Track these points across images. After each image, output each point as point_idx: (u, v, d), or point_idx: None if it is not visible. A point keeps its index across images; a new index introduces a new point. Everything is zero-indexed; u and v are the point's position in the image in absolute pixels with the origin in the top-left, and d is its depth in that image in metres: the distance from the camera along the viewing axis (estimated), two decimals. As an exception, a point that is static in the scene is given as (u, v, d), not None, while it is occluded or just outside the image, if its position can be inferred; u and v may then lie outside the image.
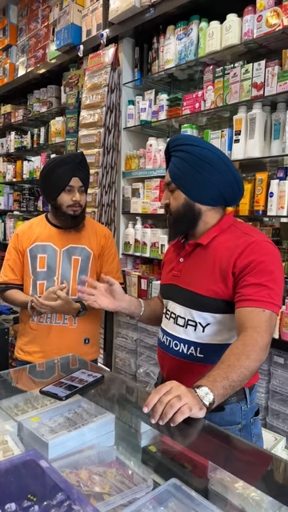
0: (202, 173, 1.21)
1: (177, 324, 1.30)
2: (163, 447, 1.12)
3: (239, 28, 2.02)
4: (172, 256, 1.40)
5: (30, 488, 0.83)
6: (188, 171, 1.22)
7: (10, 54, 3.94)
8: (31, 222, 1.90)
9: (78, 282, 1.82)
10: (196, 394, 0.97)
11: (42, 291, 1.78)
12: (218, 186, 1.23)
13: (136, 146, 2.75)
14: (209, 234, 1.26)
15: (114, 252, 1.94)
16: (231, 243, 1.21)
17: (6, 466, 0.89)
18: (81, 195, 1.77)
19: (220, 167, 1.22)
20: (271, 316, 1.12)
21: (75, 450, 1.05)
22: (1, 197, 4.22)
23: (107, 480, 0.96)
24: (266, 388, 1.92)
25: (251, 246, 1.18)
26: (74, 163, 1.74)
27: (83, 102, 2.72)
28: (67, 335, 1.80)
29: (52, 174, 1.75)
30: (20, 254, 1.83)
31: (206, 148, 1.23)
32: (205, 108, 2.20)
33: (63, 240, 1.81)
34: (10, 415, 1.17)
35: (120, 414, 1.23)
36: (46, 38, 3.40)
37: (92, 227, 1.90)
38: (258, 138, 1.94)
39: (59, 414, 1.19)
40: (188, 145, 1.23)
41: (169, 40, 2.38)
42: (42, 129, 3.56)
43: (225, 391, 1.00)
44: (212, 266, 1.22)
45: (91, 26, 2.82)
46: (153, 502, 0.89)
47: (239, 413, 1.26)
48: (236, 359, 1.04)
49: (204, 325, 1.24)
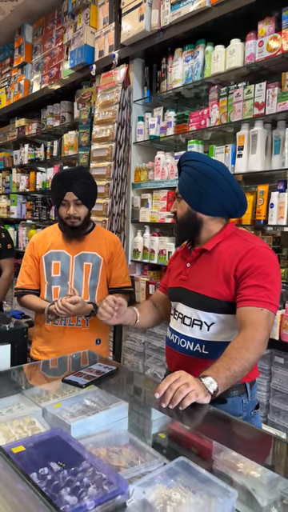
0: (203, 186, 1.36)
1: (184, 323, 1.43)
2: (172, 434, 1.24)
3: (242, 52, 2.18)
4: (179, 262, 1.54)
5: (59, 457, 0.97)
6: (191, 184, 1.38)
7: (25, 71, 4.14)
8: (46, 231, 2.04)
9: (89, 286, 1.95)
10: (202, 383, 1.11)
11: (56, 295, 1.92)
12: (219, 198, 1.38)
13: (145, 159, 2.91)
14: (213, 240, 1.40)
15: (122, 258, 2.07)
16: (233, 249, 1.35)
17: (37, 440, 1.02)
18: (76, 208, 1.86)
19: (221, 182, 1.36)
20: (269, 314, 1.25)
21: (94, 432, 1.19)
22: (14, 206, 4.39)
23: (123, 456, 1.09)
24: (267, 387, 2.04)
25: (251, 251, 1.32)
26: (68, 179, 1.85)
27: (96, 118, 2.89)
28: (80, 336, 1.93)
29: (52, 188, 1.93)
30: (36, 260, 1.96)
31: (209, 164, 1.37)
32: (210, 125, 2.36)
33: (75, 247, 1.95)
34: (35, 402, 1.31)
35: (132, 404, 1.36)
36: (61, 56, 3.59)
37: (102, 235, 2.03)
38: (259, 153, 2.09)
39: (78, 402, 1.32)
40: (194, 161, 1.39)
41: (177, 61, 2.54)
42: (55, 142, 3.73)
43: (227, 381, 1.14)
44: (216, 269, 1.36)
45: (104, 47, 3.00)
46: (164, 475, 1.01)
47: (240, 405, 1.38)
48: (237, 352, 1.17)
49: (209, 324, 1.37)
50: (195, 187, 1.37)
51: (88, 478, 0.90)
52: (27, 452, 0.98)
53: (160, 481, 0.98)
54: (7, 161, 4.64)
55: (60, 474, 0.91)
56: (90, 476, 0.91)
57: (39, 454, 0.98)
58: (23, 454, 0.96)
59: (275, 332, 1.94)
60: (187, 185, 1.39)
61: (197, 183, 1.36)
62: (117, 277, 2.03)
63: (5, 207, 4.61)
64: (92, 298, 1.96)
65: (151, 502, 0.86)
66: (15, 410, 1.26)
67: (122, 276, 2.05)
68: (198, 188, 1.37)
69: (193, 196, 1.39)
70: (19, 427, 1.15)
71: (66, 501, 0.81)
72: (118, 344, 2.91)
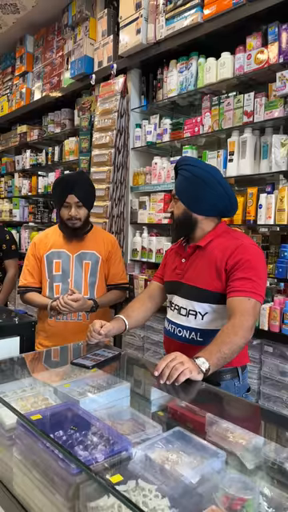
0: (198, 189, 1.51)
1: (180, 314, 1.58)
2: (170, 411, 1.38)
3: (232, 64, 2.33)
4: (174, 257, 1.69)
5: (72, 423, 1.11)
6: (187, 187, 1.52)
7: (26, 80, 4.29)
8: (47, 232, 2.19)
9: (89, 283, 2.08)
10: (195, 362, 1.26)
11: (57, 292, 2.05)
12: (212, 200, 1.53)
13: (143, 163, 3.05)
14: (206, 238, 1.56)
15: (119, 256, 2.23)
16: (224, 246, 1.50)
17: (52, 410, 1.17)
18: (77, 210, 2.00)
19: (214, 185, 1.51)
20: (255, 304, 1.41)
21: (99, 408, 1.33)
22: (16, 210, 4.53)
23: (126, 426, 1.24)
24: (258, 374, 2.19)
25: (240, 247, 1.47)
26: (70, 183, 1.98)
27: (95, 126, 3.05)
28: (82, 330, 2.03)
29: (54, 191, 2.06)
30: (38, 259, 2.10)
31: (203, 169, 1.52)
32: (203, 132, 2.52)
33: (75, 246, 2.09)
34: (46, 383, 1.46)
35: (134, 385, 1.50)
36: (61, 66, 3.74)
37: (100, 235, 2.18)
38: (248, 157, 2.24)
39: (85, 383, 1.45)
40: (190, 165, 1.53)
41: (171, 72, 2.70)
42: (56, 147, 3.87)
43: (218, 361, 1.30)
44: (209, 264, 1.51)
45: (103, 57, 3.16)
46: (162, 440, 1.16)
47: (233, 388, 1.53)
48: (227, 336, 1.33)
49: (203, 314, 1.53)
50: (191, 190, 1.51)
51: (97, 438, 1.05)
52: (44, 419, 1.12)
53: (159, 445, 1.13)
54: (9, 166, 4.78)
55: (73, 435, 1.06)
56: (98, 437, 1.06)
57: (54, 420, 1.13)
58: (41, 420, 1.11)
59: (264, 323, 2.09)
60: (183, 187, 1.53)
61: (192, 186, 1.51)
62: (114, 274, 2.17)
63: (7, 210, 4.74)
64: (91, 294, 2.10)
65: (152, 458, 1.01)
66: (29, 390, 1.40)
67: (119, 273, 2.19)
68: (193, 191, 1.51)
69: (189, 198, 1.53)
70: (34, 403, 1.29)
71: (80, 454, 0.96)
72: (118, 339, 3.05)
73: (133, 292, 2.92)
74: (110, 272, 2.16)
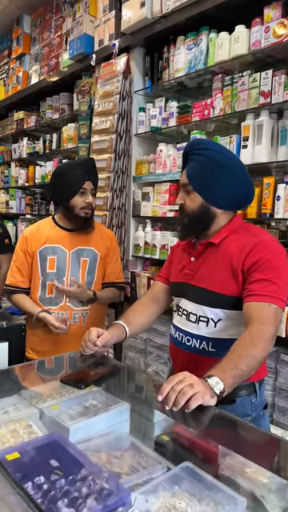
0: (221, 179, 1.28)
1: (189, 320, 1.37)
2: (175, 436, 1.18)
3: (247, 39, 2.10)
4: (182, 255, 1.47)
5: (56, 464, 0.90)
6: (207, 175, 1.28)
7: (23, 63, 4.06)
8: (39, 224, 1.98)
9: (86, 282, 1.90)
10: (207, 384, 1.04)
11: (50, 291, 1.87)
12: (235, 191, 1.31)
13: (146, 151, 2.84)
14: (220, 233, 1.33)
15: (117, 253, 2.05)
16: (241, 243, 1.28)
17: (33, 445, 0.96)
18: (93, 198, 1.86)
19: (238, 174, 1.29)
20: (277, 310, 1.19)
21: (93, 435, 1.12)
22: (13, 201, 4.33)
23: (124, 462, 1.03)
24: (272, 385, 1.98)
25: (259, 245, 1.25)
26: (87, 167, 1.84)
27: (95, 109, 2.82)
28: (77, 333, 1.86)
29: (66, 176, 1.84)
30: (29, 255, 1.89)
31: (221, 153, 1.29)
32: (213, 115, 2.28)
33: (72, 242, 1.89)
34: (32, 403, 1.25)
35: (134, 404, 1.29)
36: (59, 47, 3.51)
37: (98, 230, 1.98)
38: (265, 143, 2.02)
39: (77, 403, 1.26)
40: (209, 149, 1.29)
41: (179, 50, 2.47)
42: (54, 135, 3.66)
43: (234, 380, 1.07)
44: (223, 264, 1.29)
45: (104, 35, 2.92)
46: (168, 481, 0.95)
47: (249, 405, 1.33)
48: (243, 349, 1.11)
49: (216, 320, 1.31)
50: (210, 178, 1.28)
51: (87, 487, 0.84)
52: (22, 459, 0.91)
53: (164, 488, 0.93)
54: (6, 154, 4.58)
55: (57, 483, 0.85)
56: (89, 485, 0.85)
57: (35, 461, 0.92)
58: (18, 461, 0.90)
59: (282, 329, 1.88)
60: (200, 175, 1.29)
61: (212, 174, 1.28)
62: (111, 272, 2.00)
63: (4, 202, 4.55)
64: None
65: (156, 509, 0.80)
66: (11, 412, 1.20)
67: (116, 271, 2.02)
68: (213, 179, 1.28)
69: (207, 188, 1.30)
70: (15, 431, 1.09)
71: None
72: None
73: (135, 291, 2.70)
74: (106, 270, 2.00)
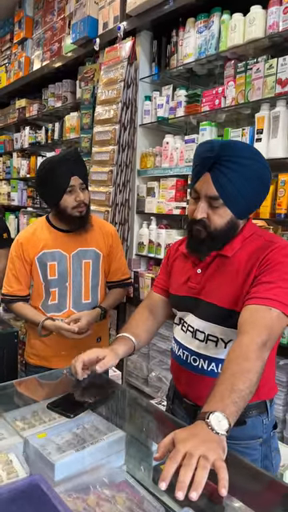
0: (258, 192, 1.12)
1: (196, 338, 1.21)
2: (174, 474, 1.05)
3: (264, 21, 1.92)
4: (184, 265, 1.30)
5: (33, 520, 0.77)
6: (246, 189, 1.09)
7: (25, 48, 3.90)
8: (34, 228, 1.81)
9: (91, 285, 1.77)
10: (209, 428, 0.84)
11: (54, 298, 1.75)
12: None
13: (152, 143, 2.68)
14: (233, 245, 1.16)
15: (121, 249, 1.92)
16: (255, 253, 1.13)
17: (8, 495, 0.82)
18: (83, 193, 1.69)
19: (269, 182, 1.14)
20: (278, 316, 1.01)
21: (83, 469, 0.99)
22: (15, 193, 4.19)
23: (116, 508, 0.90)
24: (284, 400, 1.84)
25: (274, 250, 1.10)
26: (70, 162, 1.66)
27: (99, 98, 2.65)
28: (83, 339, 1.74)
29: (49, 176, 1.66)
30: (26, 263, 1.75)
31: (264, 165, 1.11)
32: (225, 105, 2.11)
33: (71, 244, 1.75)
34: (17, 430, 1.12)
35: (130, 431, 1.16)
36: (62, 31, 3.34)
37: (98, 227, 1.83)
38: (281, 137, 1.84)
39: (67, 429, 1.12)
40: (249, 159, 1.09)
41: (188, 33, 2.29)
42: (56, 124, 3.51)
43: (237, 407, 0.88)
44: (235, 276, 1.14)
45: (108, 18, 2.74)
46: (166, 536, 0.82)
47: (260, 426, 1.20)
48: (236, 364, 0.94)
49: (226, 341, 1.16)
50: (249, 194, 1.10)
51: None
52: (-6, 513, 0.78)
53: None
54: (8, 144, 4.44)
55: None
56: None
57: (9, 514, 0.78)
58: (-12, 516, 0.77)
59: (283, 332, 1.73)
60: (239, 190, 1.09)
61: (252, 189, 1.10)
62: (116, 270, 1.87)
63: (5, 193, 4.41)
64: (95, 298, 1.80)
65: None
66: (-8, 440, 1.07)
67: (121, 268, 1.89)
68: (252, 194, 1.11)
69: (243, 204, 1.12)
70: (-7, 468, 0.96)
71: None
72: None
73: (138, 291, 2.57)
74: (111, 268, 1.86)
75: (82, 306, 1.76)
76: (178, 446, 0.80)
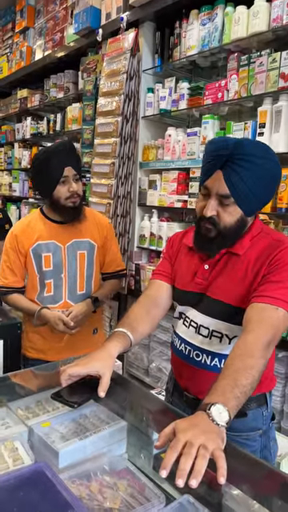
0: (268, 189, 1.13)
1: (199, 334, 1.23)
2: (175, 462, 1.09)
3: (268, 13, 1.91)
4: (191, 259, 1.30)
5: (39, 504, 0.80)
6: (258, 188, 1.10)
7: (27, 37, 3.86)
8: (28, 220, 1.83)
9: (86, 276, 1.79)
10: (210, 419, 0.87)
11: (49, 290, 1.77)
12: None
13: (154, 135, 2.68)
14: (243, 243, 1.18)
15: (115, 240, 1.95)
16: (264, 252, 1.14)
17: (14, 481, 0.86)
18: (77, 184, 1.70)
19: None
20: (284, 315, 1.03)
21: (86, 457, 1.03)
22: (16, 183, 4.19)
23: (118, 494, 0.93)
24: (282, 392, 1.87)
25: (283, 250, 1.12)
26: (64, 152, 1.67)
27: (101, 89, 2.65)
28: (81, 330, 1.77)
29: (43, 167, 1.68)
30: (21, 255, 1.77)
31: (275, 162, 1.12)
32: (227, 98, 2.11)
33: (66, 235, 1.77)
34: (21, 419, 1.15)
35: (131, 420, 1.19)
36: (65, 20, 3.31)
37: (92, 218, 1.85)
38: (283, 131, 1.85)
39: (71, 418, 1.15)
40: (262, 158, 1.10)
41: (192, 25, 2.27)
42: (58, 115, 3.50)
43: (238, 402, 0.91)
44: (244, 275, 1.15)
45: (111, 8, 2.72)
46: (165, 520, 0.85)
47: (261, 418, 1.23)
48: (240, 361, 0.96)
49: (231, 337, 1.18)
50: (260, 192, 1.11)
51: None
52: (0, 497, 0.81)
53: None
54: (9, 134, 4.42)
55: (38, 531, 0.74)
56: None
57: (15, 499, 0.82)
58: (-4, 500, 0.80)
59: None
60: (250, 188, 1.10)
61: (263, 187, 1.11)
62: (110, 261, 1.89)
63: (7, 184, 4.41)
64: (89, 288, 1.82)
65: None
66: (-1, 429, 1.11)
67: (116, 260, 1.91)
68: (263, 192, 1.12)
69: (255, 202, 1.13)
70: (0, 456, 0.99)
71: None
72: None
73: (139, 284, 2.59)
74: (105, 259, 1.88)
75: (77, 297, 1.78)
76: (179, 436, 0.82)
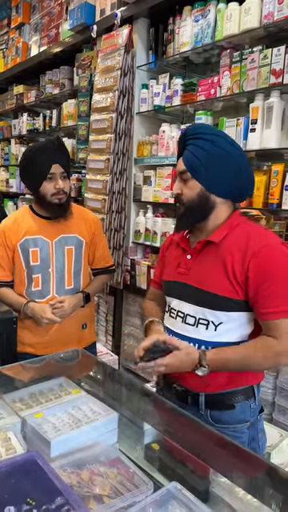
0: (222, 164, 1.19)
1: (186, 323, 1.27)
2: (166, 445, 1.12)
3: (259, 10, 1.92)
4: (175, 252, 1.36)
5: (30, 491, 0.83)
6: (207, 160, 1.19)
7: (22, 33, 3.86)
8: (15, 216, 1.85)
9: (73, 271, 1.82)
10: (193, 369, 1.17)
11: (37, 284, 1.79)
12: (236, 178, 1.22)
13: (149, 131, 2.69)
14: (220, 231, 1.23)
15: (103, 236, 1.98)
16: (244, 243, 1.18)
17: (7, 467, 0.89)
18: (63, 182, 1.73)
19: (239, 160, 1.21)
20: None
21: (78, 447, 1.06)
22: (13, 179, 4.20)
23: (108, 481, 0.96)
24: (273, 384, 1.91)
25: (264, 250, 1.16)
26: (52, 149, 1.70)
27: (96, 85, 2.66)
28: (67, 324, 1.79)
29: (31, 163, 1.71)
30: (9, 250, 1.79)
31: (227, 140, 1.21)
32: (220, 94, 2.12)
33: (53, 231, 1.79)
34: (14, 410, 1.18)
35: (124, 411, 1.22)
36: (60, 16, 3.31)
37: (80, 214, 1.88)
38: (275, 127, 1.87)
39: (63, 410, 1.19)
40: (209, 134, 1.21)
41: (185, 21, 2.28)
42: (54, 111, 3.51)
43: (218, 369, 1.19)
44: (224, 265, 1.19)
45: (105, 4, 2.72)
46: (152, 505, 0.89)
47: (248, 411, 1.26)
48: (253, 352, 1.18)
49: (216, 323, 1.22)
50: (212, 165, 1.19)
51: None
52: (-6, 484, 0.84)
53: (148, 513, 0.86)
54: (6, 131, 4.43)
55: (28, 514, 0.78)
56: (63, 518, 0.77)
57: (7, 487, 0.85)
58: (-12, 487, 0.83)
59: None
60: (201, 161, 1.20)
61: (214, 160, 1.19)
62: (99, 257, 1.93)
63: (4, 180, 4.42)
64: (77, 283, 1.84)
65: None
66: (-8, 420, 1.14)
67: (104, 256, 1.95)
68: (215, 166, 1.19)
69: (208, 175, 1.20)
70: (-8, 445, 1.02)
71: None
72: (117, 329, 2.78)
73: (134, 279, 2.62)
74: (95, 255, 1.92)
75: (64, 292, 1.80)
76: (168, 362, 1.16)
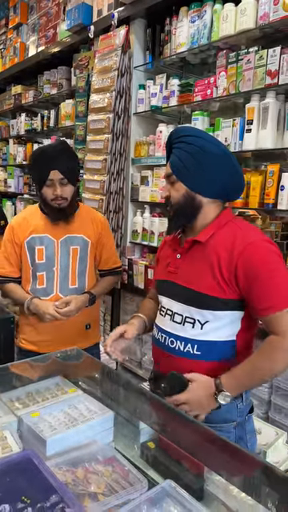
0: (204, 164, 1.20)
1: (174, 321, 1.29)
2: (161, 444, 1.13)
3: (255, 11, 1.93)
4: (168, 252, 1.38)
5: (25, 489, 0.84)
6: (190, 162, 1.21)
7: (20, 33, 3.87)
8: (25, 213, 1.89)
9: (78, 271, 1.83)
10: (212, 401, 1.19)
11: (41, 282, 1.80)
12: (220, 178, 1.23)
13: (146, 131, 2.70)
14: (207, 230, 1.24)
15: (111, 238, 1.98)
16: (230, 243, 1.19)
17: (1, 468, 0.90)
18: (62, 188, 1.73)
19: (222, 160, 1.21)
20: None
21: (74, 446, 1.07)
22: (11, 179, 4.21)
23: (103, 479, 0.97)
24: (269, 383, 1.92)
25: (250, 247, 1.17)
26: (50, 156, 1.70)
27: (93, 86, 2.66)
28: (71, 323, 1.81)
29: (33, 167, 1.76)
30: (17, 246, 1.82)
31: (208, 140, 1.22)
32: (216, 95, 2.13)
33: (60, 230, 1.81)
34: (11, 409, 1.19)
35: (120, 410, 1.23)
36: (57, 16, 3.31)
37: (87, 215, 1.89)
38: (270, 128, 1.88)
39: (59, 409, 1.20)
40: (190, 136, 1.22)
41: (181, 22, 2.29)
42: (52, 111, 3.52)
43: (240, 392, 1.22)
44: (211, 264, 1.20)
45: (102, 5, 2.73)
46: (147, 503, 0.90)
47: (235, 410, 1.26)
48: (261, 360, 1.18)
49: (203, 322, 1.23)
50: (195, 165, 1.21)
51: (55, 518, 0.78)
52: (-11, 482, 0.85)
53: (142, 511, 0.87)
54: (4, 131, 4.44)
55: None
56: (58, 516, 0.78)
57: (2, 484, 0.86)
58: (-16, 485, 0.84)
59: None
60: (184, 163, 1.22)
61: (197, 161, 1.21)
62: (107, 258, 1.93)
63: (2, 180, 4.43)
64: (82, 283, 1.85)
65: None
66: (-11, 419, 1.14)
67: (112, 257, 1.95)
68: (198, 166, 1.21)
69: (192, 176, 1.22)
70: (-11, 444, 1.03)
71: None
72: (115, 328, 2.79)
73: (132, 278, 2.63)
74: (102, 256, 1.92)
75: (68, 291, 1.81)
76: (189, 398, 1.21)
